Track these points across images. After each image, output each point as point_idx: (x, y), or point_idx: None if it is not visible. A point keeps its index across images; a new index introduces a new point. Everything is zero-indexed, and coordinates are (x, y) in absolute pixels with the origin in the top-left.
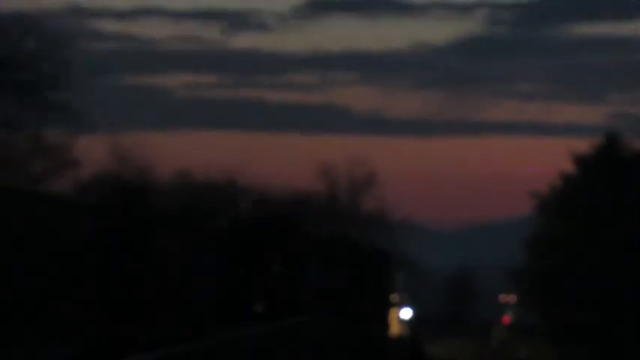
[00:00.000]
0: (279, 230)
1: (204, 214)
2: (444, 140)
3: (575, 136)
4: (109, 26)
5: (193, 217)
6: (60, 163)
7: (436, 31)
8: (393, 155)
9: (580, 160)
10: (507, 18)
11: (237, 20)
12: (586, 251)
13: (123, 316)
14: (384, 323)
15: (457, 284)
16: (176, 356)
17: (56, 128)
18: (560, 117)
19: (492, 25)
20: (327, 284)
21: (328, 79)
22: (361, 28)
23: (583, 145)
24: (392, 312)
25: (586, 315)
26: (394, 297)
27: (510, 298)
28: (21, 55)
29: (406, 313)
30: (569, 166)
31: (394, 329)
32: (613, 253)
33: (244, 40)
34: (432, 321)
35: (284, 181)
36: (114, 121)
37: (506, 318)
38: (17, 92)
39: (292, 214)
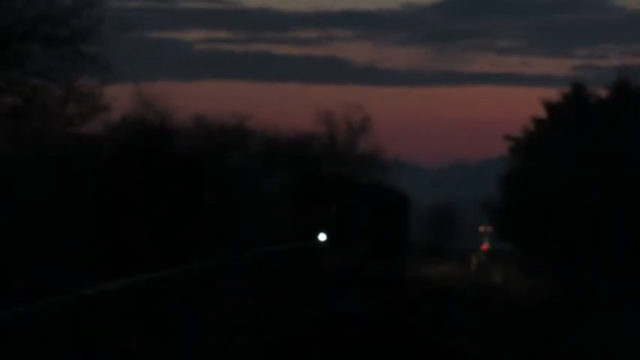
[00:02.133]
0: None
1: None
2: (431, 89)
3: (546, 86)
4: None
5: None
6: (91, 108)
7: None
8: (385, 102)
9: (550, 107)
10: None
11: None
12: (553, 186)
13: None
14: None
15: (440, 216)
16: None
17: (88, 77)
18: (533, 69)
19: None
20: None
21: (328, 35)
22: None
23: (553, 94)
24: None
25: (550, 245)
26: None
27: (488, 228)
28: (57, 11)
29: None
30: (540, 112)
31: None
32: (577, 188)
33: (254, 0)
34: (419, 248)
35: (289, 124)
36: (139, 71)
37: (485, 246)
38: (53, 45)
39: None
